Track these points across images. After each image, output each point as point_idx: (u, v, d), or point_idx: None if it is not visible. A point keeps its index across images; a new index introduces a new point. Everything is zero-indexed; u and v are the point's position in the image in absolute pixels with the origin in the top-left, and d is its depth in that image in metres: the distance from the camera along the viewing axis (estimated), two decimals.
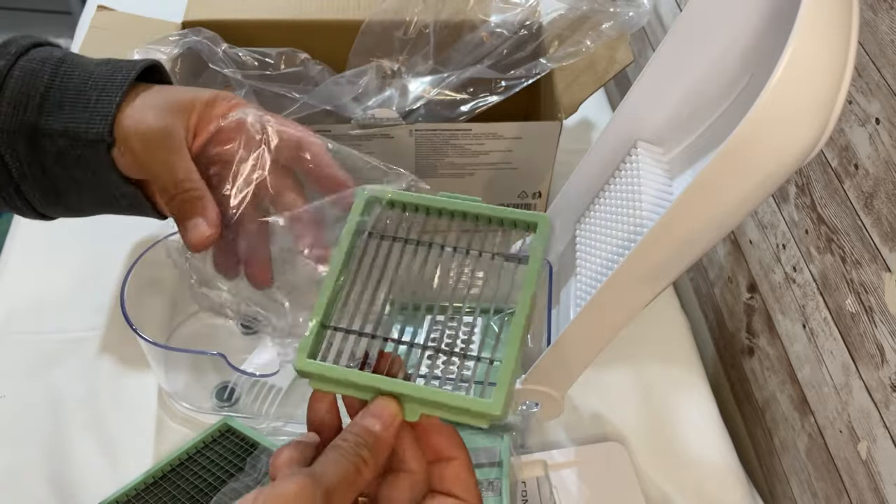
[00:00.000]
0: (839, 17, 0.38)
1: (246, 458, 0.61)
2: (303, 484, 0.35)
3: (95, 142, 0.48)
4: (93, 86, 0.48)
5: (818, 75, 0.38)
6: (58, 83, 0.48)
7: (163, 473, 0.62)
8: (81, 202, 0.51)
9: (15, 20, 2.05)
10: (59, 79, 0.49)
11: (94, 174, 0.49)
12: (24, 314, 0.75)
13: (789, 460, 0.72)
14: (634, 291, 0.48)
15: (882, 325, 0.57)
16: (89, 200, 0.51)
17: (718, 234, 0.44)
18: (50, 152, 0.48)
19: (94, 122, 0.48)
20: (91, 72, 0.49)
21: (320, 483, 0.35)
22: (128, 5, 0.79)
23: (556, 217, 0.63)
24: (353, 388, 0.39)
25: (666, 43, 0.53)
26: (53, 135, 0.48)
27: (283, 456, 0.38)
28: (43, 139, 0.48)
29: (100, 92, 0.48)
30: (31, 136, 0.48)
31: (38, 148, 0.48)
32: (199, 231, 0.48)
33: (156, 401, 0.69)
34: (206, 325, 0.75)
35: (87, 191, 0.50)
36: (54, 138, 0.48)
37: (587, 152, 0.59)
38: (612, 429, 0.70)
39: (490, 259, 0.44)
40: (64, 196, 0.51)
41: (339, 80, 0.73)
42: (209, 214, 0.48)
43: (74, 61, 0.50)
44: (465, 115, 0.73)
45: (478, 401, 0.38)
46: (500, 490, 0.60)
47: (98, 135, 0.47)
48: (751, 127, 0.38)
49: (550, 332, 0.61)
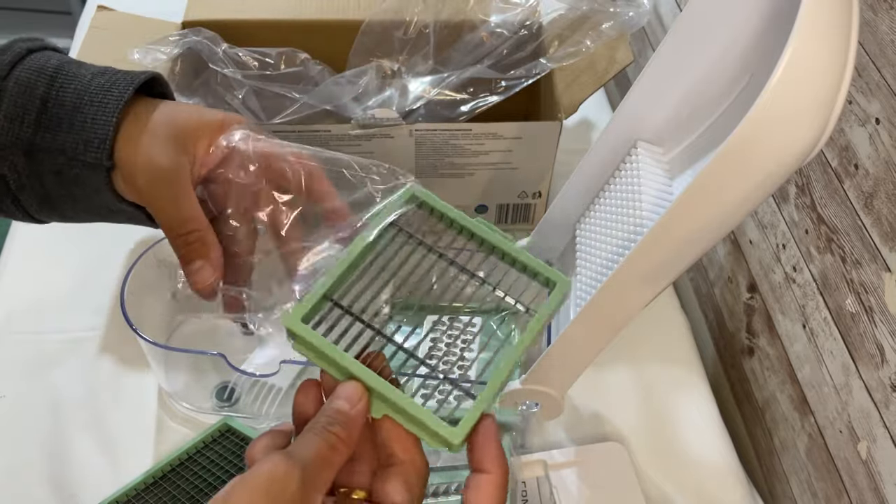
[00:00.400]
0: (839, 17, 0.38)
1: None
2: (277, 461, 0.35)
3: (94, 165, 0.47)
4: (89, 101, 0.48)
5: (818, 75, 0.38)
6: (53, 96, 0.47)
7: (163, 473, 0.62)
8: (78, 214, 0.51)
9: (15, 20, 2.05)
10: (55, 91, 0.48)
11: (93, 192, 0.48)
12: (24, 314, 0.75)
13: (789, 460, 0.72)
14: (634, 291, 0.48)
15: (882, 325, 0.57)
16: (87, 213, 0.51)
17: (718, 234, 0.44)
18: (48, 168, 0.48)
19: (92, 145, 0.47)
20: (87, 84, 0.48)
21: (295, 460, 0.36)
22: (128, 5, 0.79)
23: (555, 217, 0.63)
24: (330, 364, 0.40)
25: (666, 43, 0.53)
26: (52, 152, 0.47)
27: (259, 444, 0.39)
28: (40, 154, 0.47)
29: (97, 109, 0.47)
30: (28, 151, 0.47)
31: (35, 162, 0.48)
32: (202, 276, 0.49)
33: (156, 401, 0.69)
34: (206, 326, 0.75)
35: (85, 205, 0.50)
36: (53, 155, 0.47)
37: (587, 152, 0.59)
38: (612, 429, 0.70)
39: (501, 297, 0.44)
40: (61, 207, 0.50)
41: (339, 80, 0.73)
42: (212, 256, 0.49)
43: (70, 72, 0.49)
44: (465, 115, 0.73)
45: (441, 424, 0.38)
46: None
47: (96, 159, 0.47)
48: (751, 127, 0.38)
49: (550, 333, 0.61)
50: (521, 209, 0.82)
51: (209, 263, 0.49)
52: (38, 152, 0.47)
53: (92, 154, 0.47)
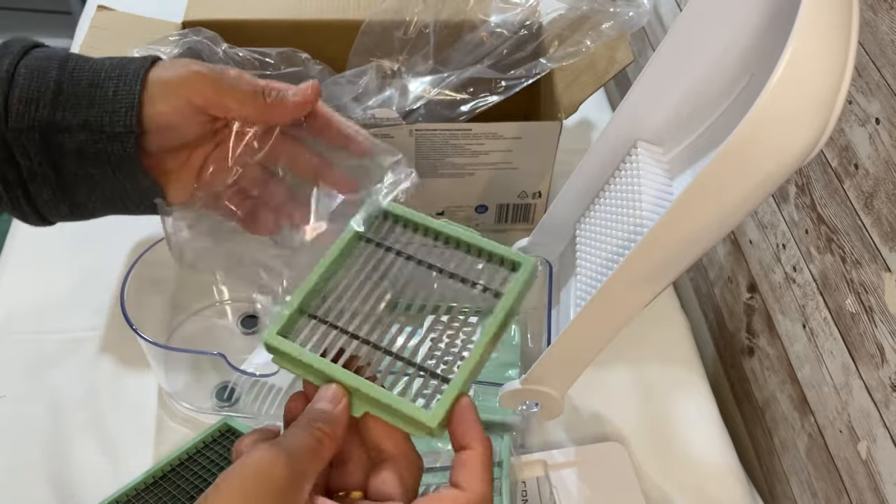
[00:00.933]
0: (839, 17, 0.38)
1: None
2: (263, 449, 0.37)
3: (122, 133, 0.47)
4: (106, 77, 0.48)
5: (818, 75, 0.38)
6: (67, 78, 0.48)
7: (163, 473, 0.62)
8: (91, 200, 0.50)
9: (15, 20, 2.05)
10: (69, 73, 0.48)
11: (115, 169, 0.48)
12: (24, 314, 0.75)
13: (789, 460, 0.72)
14: (634, 291, 0.48)
15: (882, 325, 0.57)
16: (100, 198, 0.50)
17: (719, 234, 0.44)
18: (66, 148, 0.47)
19: (119, 114, 0.47)
20: (101, 64, 0.49)
21: (281, 448, 0.37)
22: (128, 5, 0.79)
23: (555, 217, 0.63)
24: (310, 373, 0.42)
25: (666, 43, 0.53)
26: (72, 129, 0.47)
27: (246, 440, 0.40)
28: (59, 135, 0.47)
29: (116, 82, 0.47)
30: (44, 133, 0.47)
31: (52, 145, 0.47)
32: (299, 90, 0.49)
33: (156, 401, 0.69)
34: (206, 325, 0.75)
35: (101, 188, 0.49)
36: (73, 133, 0.47)
37: (587, 152, 0.59)
38: (612, 429, 0.70)
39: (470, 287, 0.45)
40: (73, 194, 0.50)
41: (339, 80, 0.73)
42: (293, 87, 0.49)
43: (81, 57, 0.49)
44: (465, 115, 0.73)
45: (416, 408, 0.39)
46: (500, 490, 0.60)
47: (126, 126, 0.47)
48: (751, 127, 0.38)
49: (550, 332, 0.61)
50: (521, 209, 0.82)
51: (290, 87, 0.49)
52: (56, 133, 0.47)
53: (119, 123, 0.47)
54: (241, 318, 0.76)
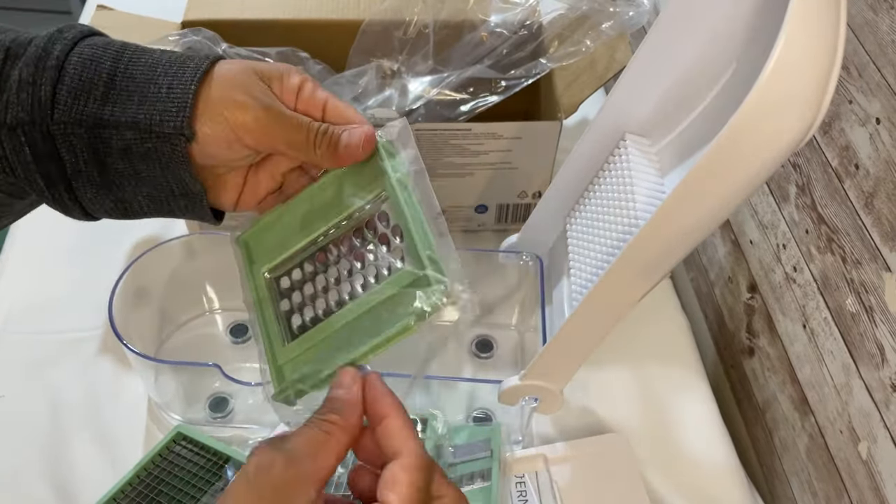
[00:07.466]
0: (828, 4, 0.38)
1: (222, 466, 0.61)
2: (262, 449, 0.37)
3: (172, 135, 0.44)
4: (163, 73, 0.45)
5: (811, 60, 0.38)
6: (122, 70, 0.45)
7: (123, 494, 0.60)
8: (137, 199, 0.48)
9: (15, 20, 2.05)
10: (124, 65, 0.45)
11: (163, 169, 0.46)
12: (23, 314, 0.75)
13: (789, 460, 0.72)
14: (631, 285, 0.49)
15: (882, 325, 0.57)
16: (146, 197, 0.48)
17: (715, 224, 0.45)
18: (114, 145, 0.45)
19: (170, 114, 0.44)
20: (159, 58, 0.46)
21: (280, 446, 0.37)
22: (128, 5, 0.79)
23: (545, 211, 0.63)
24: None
25: (651, 35, 0.53)
26: (120, 127, 0.44)
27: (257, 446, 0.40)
28: (106, 131, 0.44)
29: (171, 80, 0.45)
30: (92, 129, 0.44)
31: (99, 141, 0.45)
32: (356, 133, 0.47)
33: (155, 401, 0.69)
34: (196, 336, 0.75)
35: (147, 187, 0.47)
36: (121, 130, 0.44)
37: (575, 145, 0.59)
38: (613, 429, 0.70)
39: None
40: (118, 190, 0.47)
41: (339, 80, 0.73)
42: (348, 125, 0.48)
43: (138, 48, 0.46)
44: (465, 115, 0.73)
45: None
46: (486, 475, 0.60)
47: (176, 128, 0.44)
48: (745, 116, 0.38)
49: (546, 328, 0.61)
50: (521, 209, 0.82)
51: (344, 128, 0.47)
52: (104, 129, 0.44)
53: (169, 124, 0.44)
54: (230, 327, 0.75)
